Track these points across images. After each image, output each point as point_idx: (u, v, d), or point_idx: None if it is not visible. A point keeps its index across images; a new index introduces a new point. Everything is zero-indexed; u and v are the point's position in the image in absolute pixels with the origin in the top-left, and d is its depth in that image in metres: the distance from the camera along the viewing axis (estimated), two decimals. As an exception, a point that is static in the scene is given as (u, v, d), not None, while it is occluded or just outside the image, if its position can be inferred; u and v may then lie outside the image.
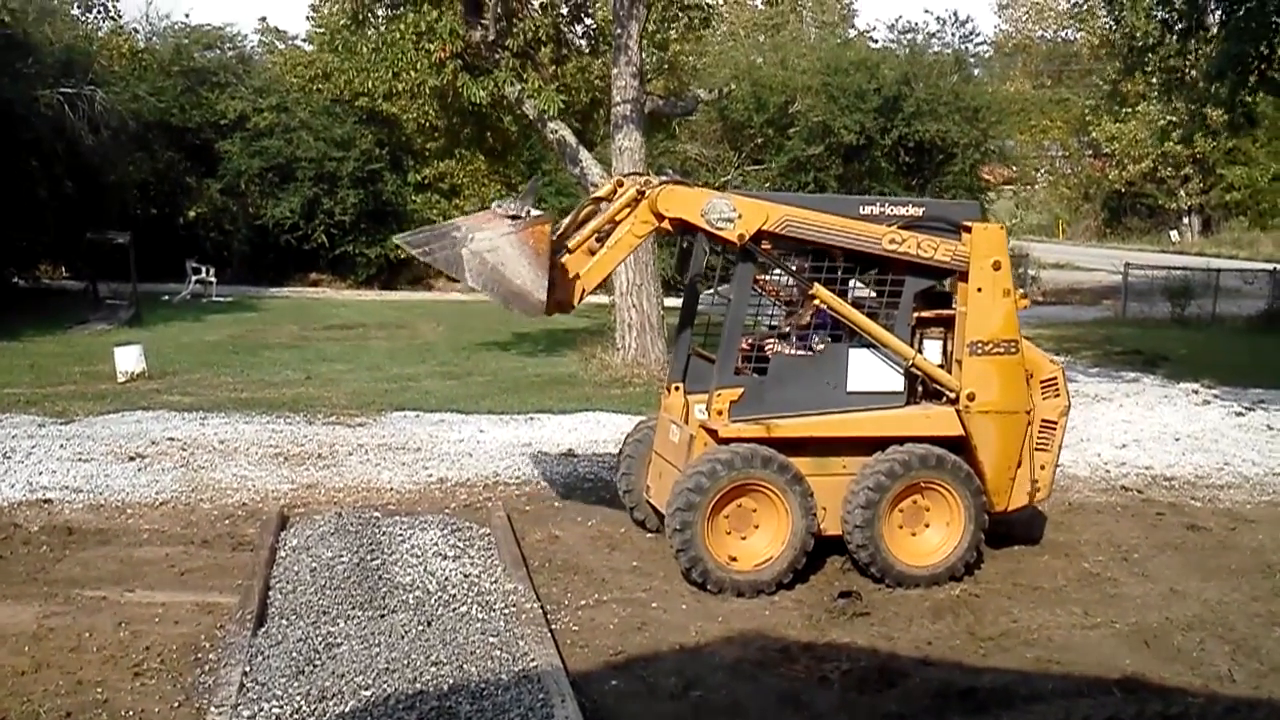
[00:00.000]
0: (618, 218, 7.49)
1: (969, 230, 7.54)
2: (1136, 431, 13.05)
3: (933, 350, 7.77)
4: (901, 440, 7.54)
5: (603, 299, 26.83)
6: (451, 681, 5.73)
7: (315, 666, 5.86)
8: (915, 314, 7.66)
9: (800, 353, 7.67)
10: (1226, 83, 15.95)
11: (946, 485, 7.54)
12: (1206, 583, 7.90)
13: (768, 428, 7.37)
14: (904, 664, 6.42)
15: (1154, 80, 22.76)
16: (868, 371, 7.57)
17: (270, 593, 6.91)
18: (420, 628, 6.39)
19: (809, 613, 7.13)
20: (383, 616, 6.55)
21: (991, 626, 7.01)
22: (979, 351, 7.59)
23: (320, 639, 6.19)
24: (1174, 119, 34.35)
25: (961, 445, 7.65)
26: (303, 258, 31.06)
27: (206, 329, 20.54)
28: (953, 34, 46.49)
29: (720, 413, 7.35)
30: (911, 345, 7.65)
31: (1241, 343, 22.85)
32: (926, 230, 7.50)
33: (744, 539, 7.40)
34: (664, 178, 7.60)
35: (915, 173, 32.20)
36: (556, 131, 16.04)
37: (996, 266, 7.58)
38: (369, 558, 7.40)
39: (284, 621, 6.48)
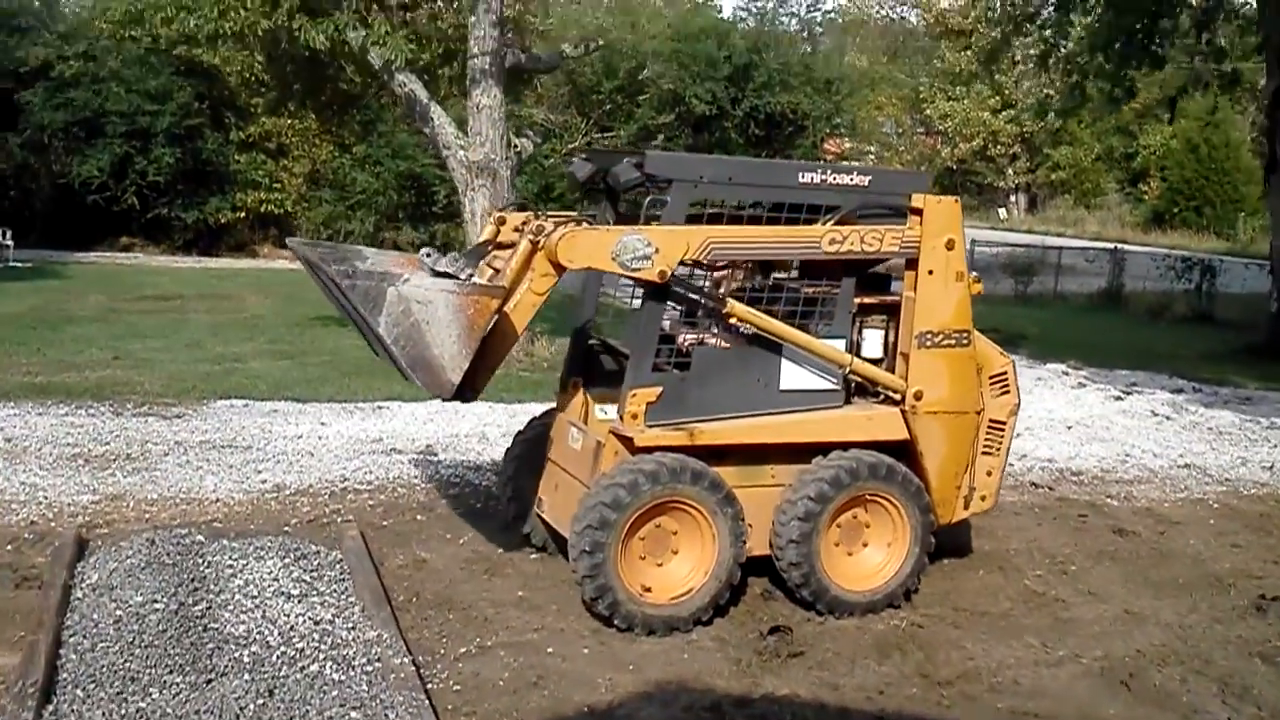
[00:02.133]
0: (511, 267, 6.21)
1: (919, 212, 6.47)
2: (1023, 417, 12.32)
3: (874, 342, 6.69)
4: (844, 446, 6.45)
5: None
6: (305, 782, 4.37)
7: (119, 765, 4.42)
8: (856, 301, 6.56)
9: (726, 345, 6.45)
10: (1110, 56, 15.42)
11: (893, 499, 6.48)
12: (1160, 601, 7.07)
13: (691, 434, 6.17)
14: (858, 723, 5.33)
15: (1032, 52, 22.43)
16: (803, 367, 6.43)
17: (62, 651, 5.37)
18: (259, 699, 4.98)
19: (735, 655, 5.97)
20: (209, 683, 5.10)
21: (946, 667, 5.98)
22: (928, 344, 6.54)
23: (126, 721, 4.73)
24: (1051, 92, 34.52)
25: (904, 450, 6.60)
26: (113, 220, 28.34)
27: (1, 299, 18.19)
28: (799, 3, 46.19)
29: (635, 416, 6.10)
30: (852, 337, 6.57)
31: (1088, 321, 22.82)
32: (871, 215, 6.43)
33: (660, 565, 6.20)
34: (558, 219, 6.36)
35: (765, 144, 31.49)
36: (405, 85, 14.43)
37: (950, 246, 6.53)
38: (190, 600, 5.90)
39: (79, 693, 4.97)
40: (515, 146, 14.37)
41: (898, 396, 6.55)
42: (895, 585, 6.57)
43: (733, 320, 6.29)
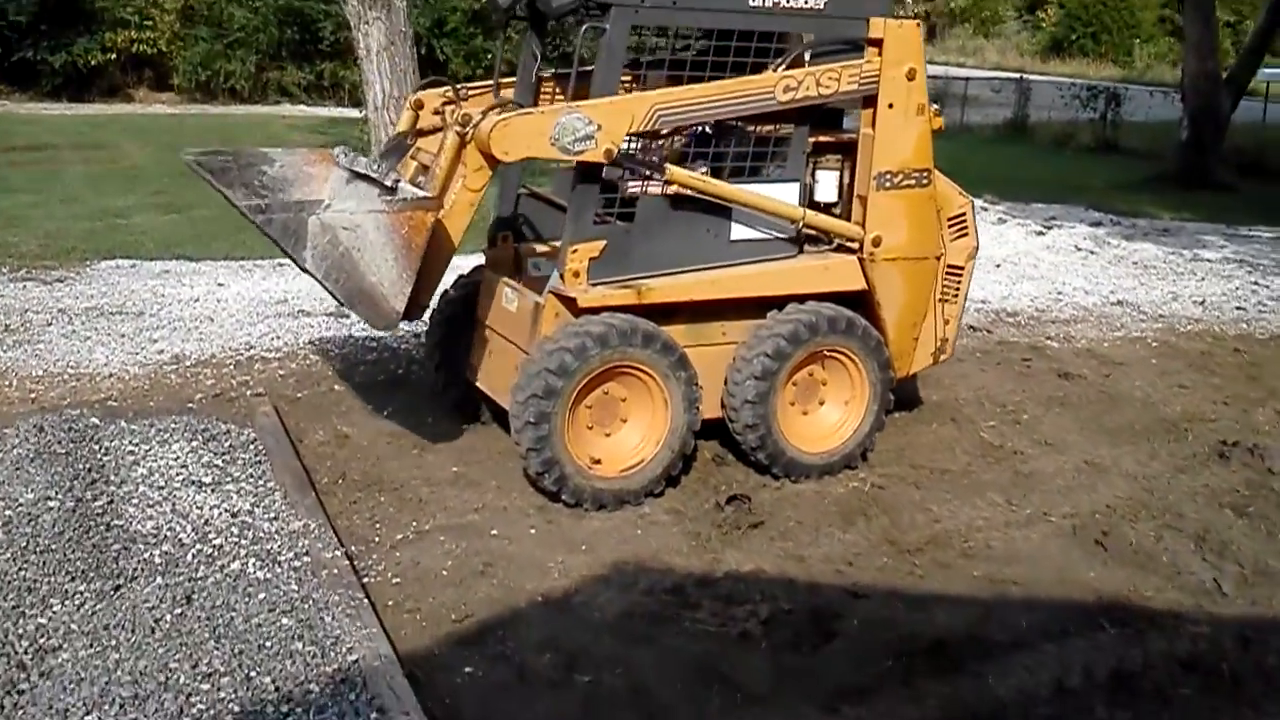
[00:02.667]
0: (439, 165, 5.54)
1: (878, 42, 5.89)
2: (952, 257, 12.06)
3: (828, 185, 6.17)
4: (799, 299, 5.99)
5: (350, 112, 24.12)
6: (234, 705, 3.88)
7: (19, 694, 3.87)
8: (809, 141, 6.01)
9: (672, 194, 5.86)
10: None
11: (853, 354, 6.07)
12: (1118, 450, 6.85)
13: (639, 292, 5.63)
14: (831, 600, 4.99)
15: None
16: (754, 215, 5.90)
17: (-58, 560, 4.76)
18: (176, 607, 4.46)
19: (692, 529, 5.58)
20: (118, 590, 4.55)
21: (913, 532, 5.67)
22: (887, 184, 6.04)
23: (25, 641, 4.17)
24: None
25: (859, 301, 6.17)
26: (-30, 65, 26.28)
27: None
28: None
29: (577, 274, 5.53)
30: (805, 180, 6.04)
31: (996, 153, 22.59)
32: (823, 53, 5.85)
33: (608, 436, 5.74)
34: (478, 93, 5.66)
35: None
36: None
37: (911, 76, 5.99)
38: (89, 495, 5.29)
39: (-34, 609, 4.40)
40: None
41: (854, 244, 6.08)
42: (854, 445, 6.22)
43: (674, 186, 5.71)
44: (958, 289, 6.58)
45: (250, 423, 6.38)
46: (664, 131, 5.77)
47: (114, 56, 25.96)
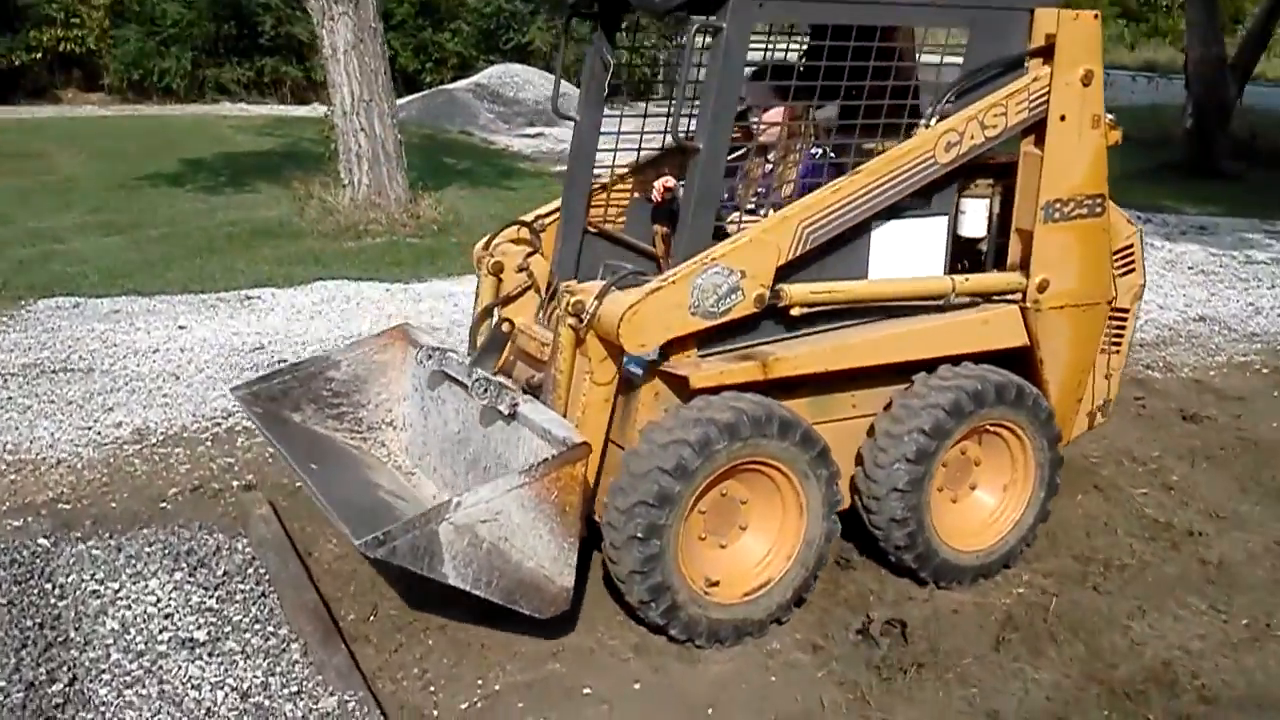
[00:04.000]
0: (559, 369, 4.34)
1: (1044, 50, 4.63)
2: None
3: (975, 217, 4.89)
4: (953, 360, 4.73)
5: (296, 110, 22.49)
6: None
7: None
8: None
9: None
10: None
11: (1020, 429, 4.82)
12: (1303, 522, 5.67)
13: (764, 364, 4.32)
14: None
15: None
16: (898, 252, 4.62)
17: None
18: None
19: (841, 672, 4.28)
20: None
21: (1120, 661, 4.41)
22: (1056, 216, 4.77)
23: None
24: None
25: (1014, 358, 4.91)
26: (-118, 67, 24.28)
27: None
28: None
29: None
30: (950, 216, 4.77)
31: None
32: (977, 84, 4.59)
33: (724, 548, 4.43)
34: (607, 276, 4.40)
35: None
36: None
37: (1087, 80, 4.72)
38: (44, 672, 3.87)
39: None
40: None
41: (1017, 295, 4.81)
42: (1014, 541, 4.97)
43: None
44: (1122, 336, 5.35)
45: (244, 530, 4.99)
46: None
47: (40, 56, 24.11)
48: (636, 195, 5.27)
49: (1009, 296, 4.82)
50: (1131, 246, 5.29)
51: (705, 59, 4.22)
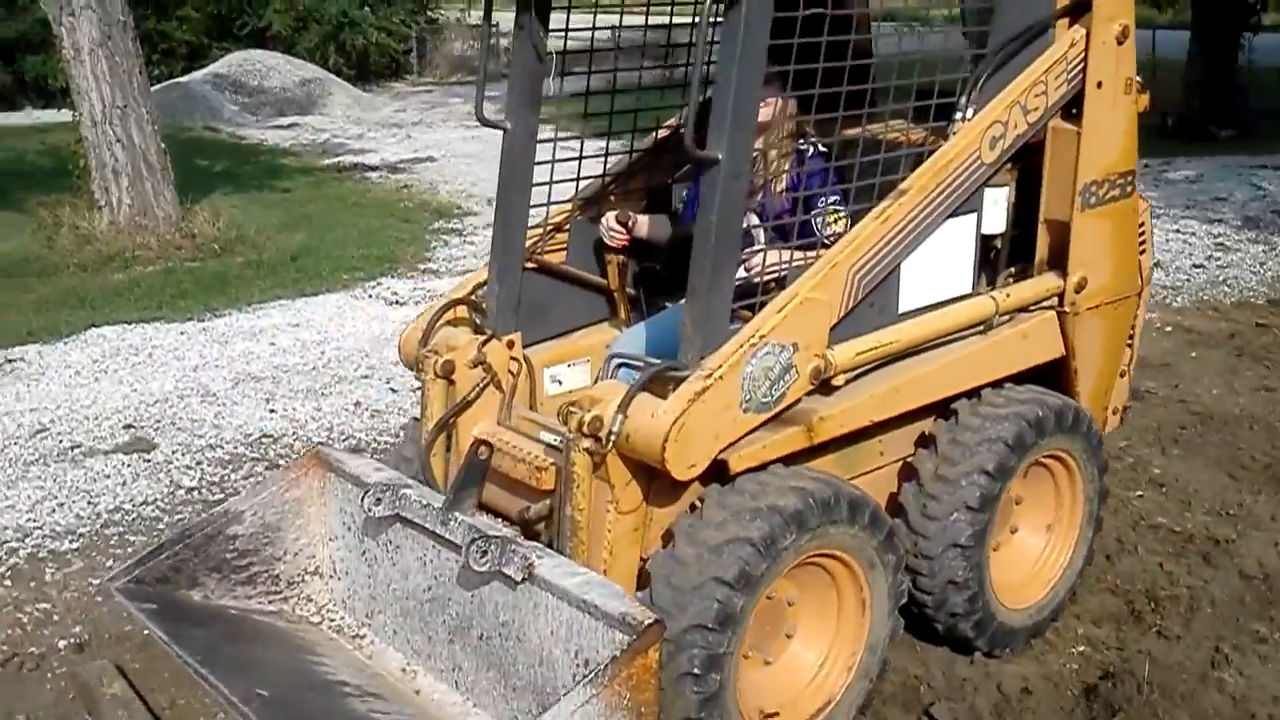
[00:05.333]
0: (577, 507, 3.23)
1: (1073, 13, 3.81)
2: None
3: (995, 209, 4.00)
4: (995, 384, 3.88)
5: (26, 117, 19.80)
6: None
7: None
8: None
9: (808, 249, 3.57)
10: None
11: (1071, 458, 4.03)
12: (1312, 507, 5.13)
13: (809, 428, 3.32)
14: None
15: None
16: (925, 269, 3.69)
17: None
18: None
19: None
20: None
21: (1231, 729, 3.68)
22: (1092, 201, 3.96)
23: None
24: None
25: (1046, 371, 4.10)
26: None
27: None
28: None
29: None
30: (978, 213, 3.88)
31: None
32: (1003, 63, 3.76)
33: (769, 664, 3.42)
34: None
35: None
36: None
37: (1123, 37, 3.92)
38: None
39: None
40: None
41: (1055, 294, 3.99)
42: (1064, 590, 4.17)
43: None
44: (1135, 326, 4.61)
45: (92, 714, 3.65)
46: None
47: None
48: (578, 216, 4.15)
49: (1044, 302, 3.98)
50: (1144, 225, 4.54)
51: (719, 40, 3.15)
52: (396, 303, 8.50)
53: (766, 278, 3.39)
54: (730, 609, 3.02)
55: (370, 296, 8.72)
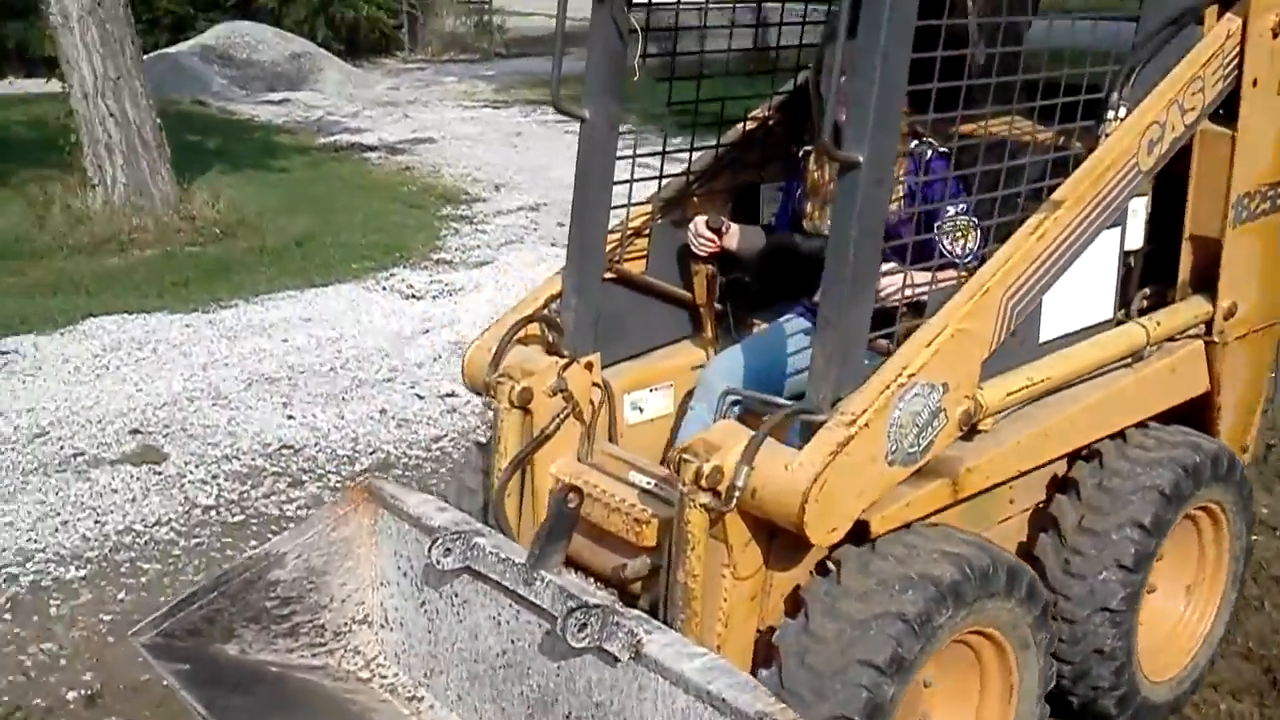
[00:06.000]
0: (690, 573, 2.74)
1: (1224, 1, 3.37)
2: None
3: (1138, 223, 3.55)
4: (1142, 425, 3.46)
5: (10, 86, 19.13)
6: None
7: None
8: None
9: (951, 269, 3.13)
10: None
11: (1222, 511, 3.60)
12: None
13: (954, 482, 2.90)
14: None
15: None
16: (1067, 292, 3.24)
17: None
18: None
19: None
20: None
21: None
22: (1245, 215, 3.53)
23: None
24: None
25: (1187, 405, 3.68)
26: None
27: None
28: None
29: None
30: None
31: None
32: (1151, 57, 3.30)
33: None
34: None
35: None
36: None
37: (1277, 31, 3.48)
38: None
39: None
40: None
41: (1203, 322, 3.56)
42: (1205, 659, 3.75)
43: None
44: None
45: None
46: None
47: None
48: (659, 219, 3.70)
49: (1189, 331, 3.55)
50: None
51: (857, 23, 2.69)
52: (413, 297, 8.00)
53: (901, 301, 2.95)
54: (880, 698, 2.58)
55: (384, 289, 8.22)
